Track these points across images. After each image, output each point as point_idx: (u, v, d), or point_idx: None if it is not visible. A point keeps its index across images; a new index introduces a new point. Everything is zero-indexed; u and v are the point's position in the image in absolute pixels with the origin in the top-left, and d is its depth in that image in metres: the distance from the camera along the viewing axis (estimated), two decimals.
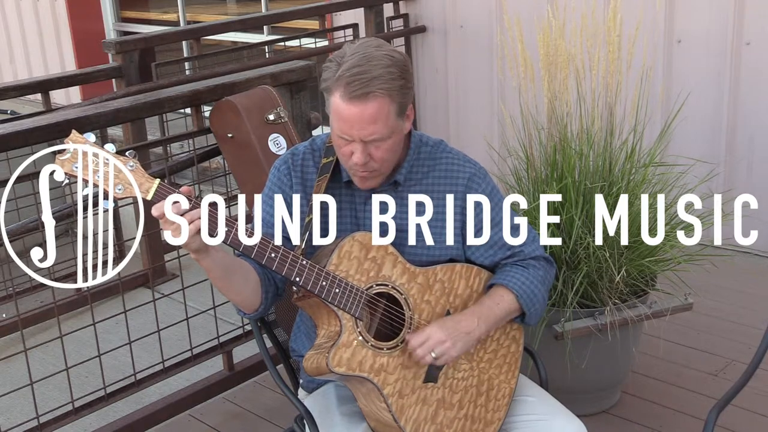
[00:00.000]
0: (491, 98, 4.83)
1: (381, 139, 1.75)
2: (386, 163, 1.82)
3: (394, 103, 1.73)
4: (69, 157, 1.58)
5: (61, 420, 2.77)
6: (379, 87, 1.70)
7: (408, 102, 1.79)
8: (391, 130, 1.76)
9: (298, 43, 4.98)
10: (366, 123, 1.72)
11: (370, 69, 1.70)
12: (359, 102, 1.70)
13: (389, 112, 1.73)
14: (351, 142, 1.76)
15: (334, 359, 1.73)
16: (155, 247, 4.23)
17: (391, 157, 1.82)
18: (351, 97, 1.70)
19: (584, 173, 2.73)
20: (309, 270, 1.73)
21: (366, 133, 1.73)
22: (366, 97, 1.69)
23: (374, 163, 1.79)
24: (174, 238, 1.61)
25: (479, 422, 1.90)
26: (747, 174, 4.01)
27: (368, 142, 1.75)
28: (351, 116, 1.72)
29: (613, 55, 2.68)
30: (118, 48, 4.11)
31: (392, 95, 1.72)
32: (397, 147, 1.83)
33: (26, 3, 7.62)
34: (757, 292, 3.67)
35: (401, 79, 1.73)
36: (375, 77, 1.69)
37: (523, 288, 1.90)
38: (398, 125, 1.78)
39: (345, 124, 1.73)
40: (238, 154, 2.90)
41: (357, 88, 1.69)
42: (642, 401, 2.96)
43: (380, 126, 1.73)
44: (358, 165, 1.78)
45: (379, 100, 1.71)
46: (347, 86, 1.69)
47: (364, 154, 1.76)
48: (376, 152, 1.77)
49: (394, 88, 1.72)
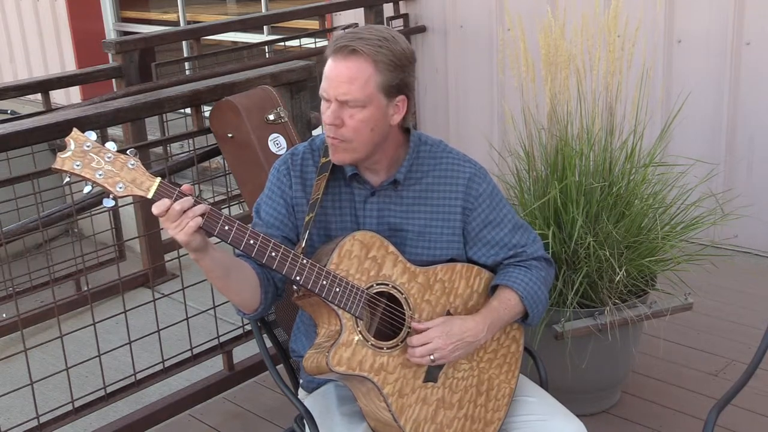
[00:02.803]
0: (491, 98, 4.83)
1: (355, 103, 1.74)
2: (359, 137, 1.78)
3: (378, 73, 1.74)
4: (70, 155, 1.58)
5: (61, 420, 2.77)
6: (363, 46, 1.73)
7: (398, 86, 1.78)
8: (368, 99, 1.75)
9: (298, 43, 4.98)
10: (343, 81, 1.73)
11: (364, 33, 1.76)
12: (341, 58, 1.73)
13: (370, 78, 1.74)
14: (329, 104, 1.77)
15: (335, 358, 1.73)
16: (155, 247, 4.23)
17: (365, 134, 1.79)
18: (334, 51, 1.74)
19: (584, 173, 2.73)
20: (309, 269, 1.73)
21: (341, 92, 1.74)
22: (346, 53, 1.73)
23: (345, 131, 1.77)
24: (174, 236, 1.61)
25: (479, 422, 1.90)
26: (747, 174, 4.01)
27: (342, 104, 1.75)
28: (332, 73, 1.75)
29: (613, 55, 2.68)
30: (118, 48, 4.11)
31: (377, 63, 1.74)
32: (373, 125, 1.79)
33: (26, 3, 7.62)
34: (757, 292, 3.67)
35: (391, 54, 1.75)
36: (362, 38, 1.74)
37: (527, 290, 1.91)
38: (379, 101, 1.77)
39: (326, 81, 1.76)
40: (238, 154, 2.90)
41: (342, 42, 1.74)
42: (642, 401, 2.96)
43: (356, 88, 1.73)
44: (327, 125, 1.78)
45: (359, 61, 1.73)
46: (335, 42, 1.75)
47: (334, 115, 1.76)
48: (349, 119, 1.76)
49: (380, 57, 1.74)
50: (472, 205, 1.91)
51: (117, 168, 1.60)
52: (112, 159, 1.60)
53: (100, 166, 1.59)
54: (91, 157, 1.58)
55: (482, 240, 1.93)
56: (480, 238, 1.93)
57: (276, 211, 1.90)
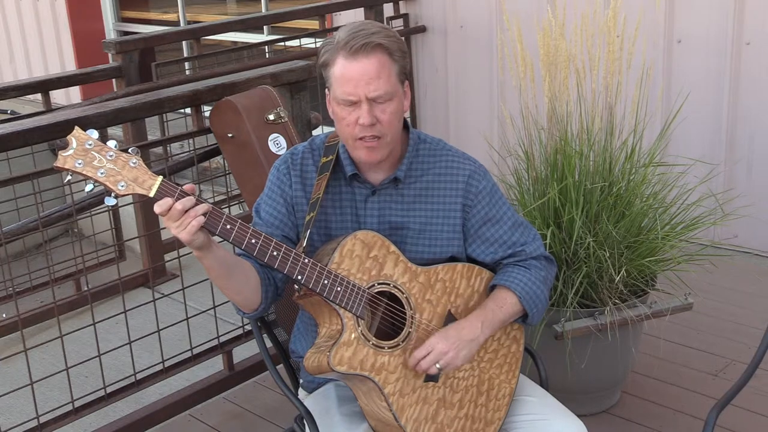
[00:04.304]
0: (491, 98, 4.83)
1: (386, 97, 1.76)
2: (392, 131, 1.81)
3: (394, 63, 1.77)
4: (72, 153, 1.58)
5: (61, 420, 2.77)
6: (379, 39, 1.74)
7: (406, 71, 1.82)
8: (394, 90, 1.78)
9: (298, 43, 4.98)
10: (371, 77, 1.74)
11: (368, 28, 1.77)
12: (362, 56, 1.73)
13: (391, 69, 1.77)
14: (356, 106, 1.76)
15: (336, 357, 1.73)
16: (155, 247, 4.23)
17: (396, 126, 1.82)
18: (353, 51, 1.73)
19: (584, 173, 2.73)
20: (311, 268, 1.73)
21: (371, 89, 1.74)
22: (368, 50, 1.73)
23: (381, 127, 1.78)
24: (177, 235, 1.61)
25: (479, 422, 1.90)
26: (747, 174, 4.01)
27: (373, 101, 1.76)
28: (355, 73, 1.74)
29: (613, 55, 2.68)
30: (118, 48, 4.12)
31: (392, 52, 1.76)
32: (400, 116, 1.83)
33: (26, 3, 7.62)
34: (757, 292, 3.67)
35: (397, 41, 1.79)
36: (373, 32, 1.75)
37: (525, 290, 1.90)
38: (399, 90, 1.80)
39: (349, 83, 1.75)
40: (238, 154, 2.90)
41: (358, 41, 1.73)
42: (642, 401, 2.96)
43: (383, 82, 1.75)
44: (365, 126, 1.77)
45: (380, 54, 1.74)
46: (347, 44, 1.74)
47: (370, 114, 1.76)
48: (382, 115, 1.77)
49: (393, 46, 1.76)
50: (472, 202, 1.91)
51: (119, 166, 1.59)
52: (113, 157, 1.59)
53: (101, 165, 1.58)
54: (92, 156, 1.58)
55: (481, 237, 1.94)
56: (479, 235, 1.93)
57: (276, 210, 1.90)
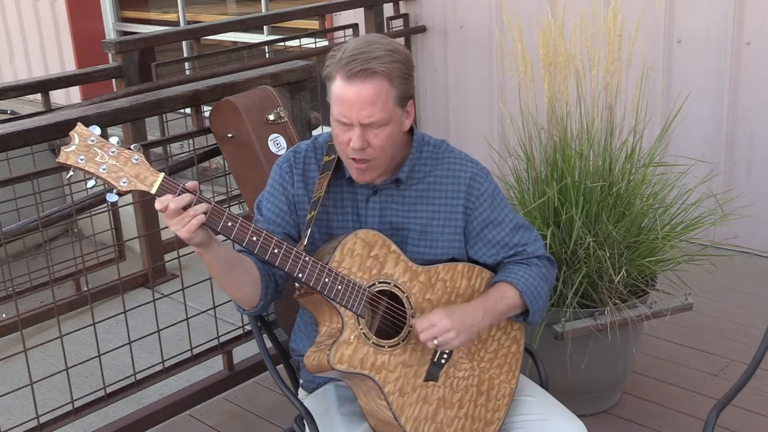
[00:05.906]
0: (491, 98, 4.83)
1: (379, 123, 1.75)
2: (384, 154, 1.80)
3: (394, 88, 1.74)
4: (74, 149, 1.57)
5: (61, 420, 2.77)
6: (379, 66, 1.71)
7: (409, 94, 1.80)
8: (390, 116, 1.76)
9: (298, 43, 4.98)
10: (364, 103, 1.72)
11: (372, 50, 1.73)
12: (358, 81, 1.71)
13: (388, 95, 1.74)
14: (349, 127, 1.76)
15: (336, 356, 1.73)
16: (155, 247, 4.23)
17: (389, 149, 1.81)
18: (350, 75, 1.71)
19: (584, 173, 2.73)
20: (312, 266, 1.73)
21: (364, 115, 1.73)
22: (365, 76, 1.71)
23: (372, 151, 1.78)
24: (177, 232, 1.61)
25: (479, 422, 1.90)
26: (747, 174, 4.01)
27: (366, 126, 1.75)
28: (350, 96, 1.72)
29: (613, 55, 2.68)
30: (118, 48, 4.11)
31: (392, 78, 1.74)
32: (396, 139, 1.82)
33: (26, 3, 7.62)
34: (757, 292, 3.67)
35: (402, 66, 1.75)
36: (375, 57, 1.72)
37: (526, 285, 1.90)
38: (397, 114, 1.78)
39: (343, 106, 1.74)
40: (238, 154, 2.90)
41: (357, 66, 1.71)
42: (642, 401, 2.96)
43: (378, 109, 1.73)
44: (355, 150, 1.77)
45: (377, 81, 1.72)
46: (347, 65, 1.72)
47: (362, 139, 1.75)
48: (374, 140, 1.77)
49: (394, 72, 1.73)
50: (474, 205, 1.91)
51: (121, 163, 1.59)
52: (116, 153, 1.59)
53: (104, 161, 1.58)
54: (95, 152, 1.58)
55: (483, 239, 1.94)
56: (481, 238, 1.93)
57: (277, 207, 1.90)
